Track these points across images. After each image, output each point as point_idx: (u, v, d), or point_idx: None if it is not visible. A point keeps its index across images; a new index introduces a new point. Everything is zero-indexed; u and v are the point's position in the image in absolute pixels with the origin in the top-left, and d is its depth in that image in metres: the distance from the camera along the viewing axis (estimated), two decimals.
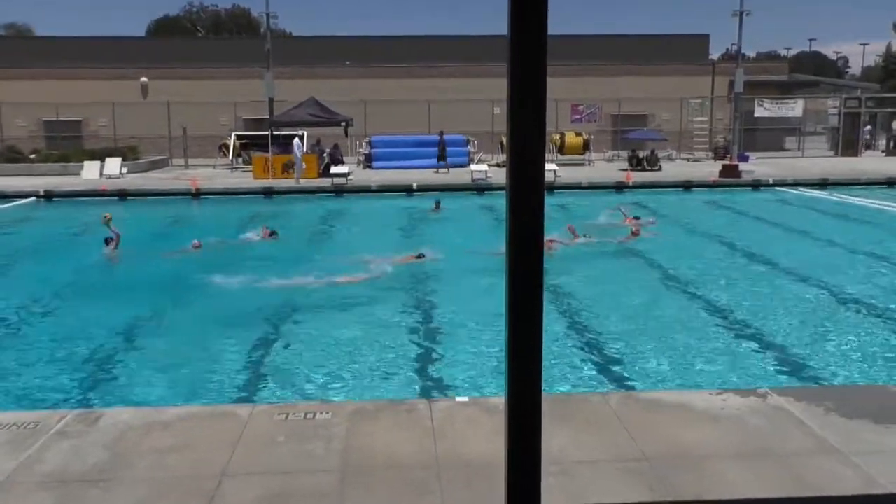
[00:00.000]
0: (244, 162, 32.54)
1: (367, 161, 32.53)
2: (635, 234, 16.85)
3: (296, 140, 28.73)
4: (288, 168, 28.22)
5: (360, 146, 33.96)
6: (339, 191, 26.03)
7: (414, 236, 17.87)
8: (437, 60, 39.87)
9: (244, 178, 28.67)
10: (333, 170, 27.74)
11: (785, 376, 8.36)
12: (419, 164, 31.16)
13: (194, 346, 9.46)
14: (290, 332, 10.17)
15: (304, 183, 26.98)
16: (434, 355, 9.14)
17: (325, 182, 27.03)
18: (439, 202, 21.70)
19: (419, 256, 14.57)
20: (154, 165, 34.02)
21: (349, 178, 27.01)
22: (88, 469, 5.11)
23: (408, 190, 26.06)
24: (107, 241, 15.43)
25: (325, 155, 30.39)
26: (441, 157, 30.20)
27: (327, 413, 6.02)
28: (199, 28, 78.61)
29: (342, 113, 31.26)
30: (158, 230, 19.63)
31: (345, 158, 31.61)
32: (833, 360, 8.89)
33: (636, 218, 18.24)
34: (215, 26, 78.11)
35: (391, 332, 9.99)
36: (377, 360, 8.86)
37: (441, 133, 31.24)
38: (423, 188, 26.11)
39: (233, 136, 33.84)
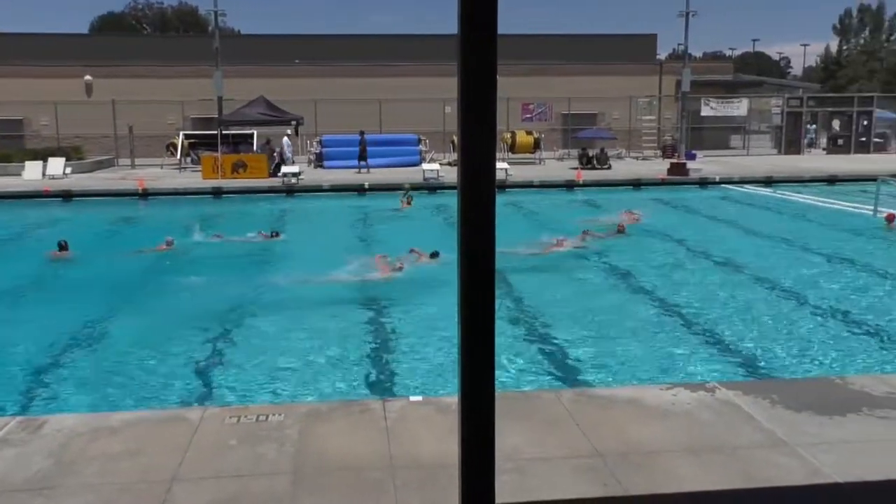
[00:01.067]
0: (193, 162, 32.06)
1: (319, 160, 32.30)
2: (621, 230, 16.93)
3: (285, 139, 28.66)
4: (238, 168, 27.89)
5: (311, 145, 33.70)
6: (290, 190, 25.80)
7: (379, 238, 17.78)
8: (388, 59, 39.78)
9: (193, 178, 28.25)
10: (284, 169, 27.50)
11: (733, 369, 8.52)
12: (371, 163, 31.01)
13: (149, 348, 9.28)
14: (248, 332, 10.04)
15: (254, 182, 26.69)
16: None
17: (275, 182, 26.78)
18: (411, 197, 21.51)
19: (433, 255, 13.97)
20: (99, 165, 33.32)
21: (300, 177, 26.79)
22: (32, 476, 4.98)
23: (360, 189, 25.96)
24: (60, 246, 15.05)
25: (275, 154, 30.10)
26: (362, 157, 30.00)
27: (280, 415, 5.95)
28: (144, 26, 77.20)
29: (292, 112, 30.99)
30: (109, 230, 19.24)
31: (295, 158, 31.35)
32: (779, 353, 9.09)
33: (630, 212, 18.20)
34: (161, 24, 76.77)
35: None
36: (333, 360, 8.81)
37: (362, 133, 31.04)
38: (375, 187, 26.04)
39: (181, 136, 33.32)
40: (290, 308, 11.19)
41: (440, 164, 29.73)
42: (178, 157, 32.84)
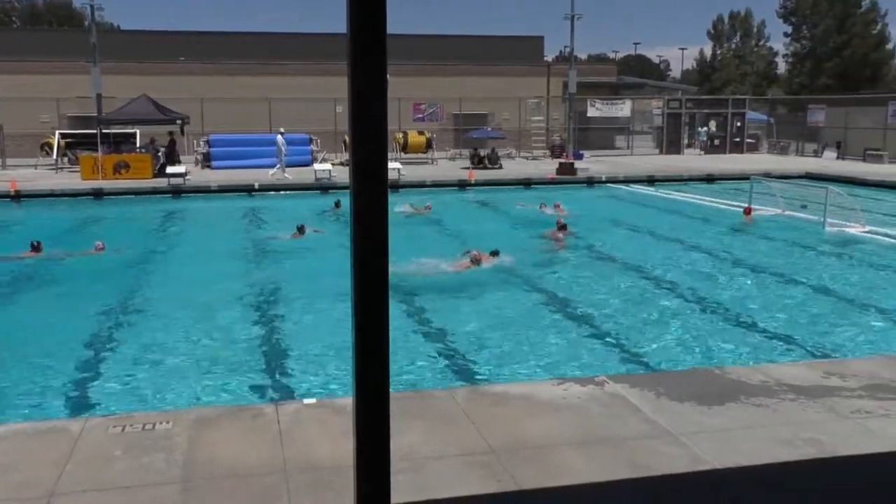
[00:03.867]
0: (70, 162, 30.62)
1: (206, 161, 31.46)
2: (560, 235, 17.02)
3: (279, 137, 27.78)
4: (120, 168, 26.83)
5: (198, 145, 32.78)
6: (176, 192, 25.01)
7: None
8: (278, 57, 39.13)
9: (71, 179, 26.99)
10: (170, 170, 26.63)
11: (620, 363, 8.81)
12: (260, 164, 30.49)
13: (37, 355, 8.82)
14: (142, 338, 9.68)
15: (138, 183, 25.74)
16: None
17: (160, 182, 25.89)
18: (339, 201, 21.01)
19: (493, 254, 13.71)
20: None
21: (187, 178, 26.00)
22: None
23: (249, 190, 25.44)
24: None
25: (159, 154, 29.12)
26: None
27: (167, 423, 5.77)
28: (13, 19, 73.16)
29: (177, 111, 30.06)
30: None
31: (182, 158, 30.41)
32: (662, 345, 9.46)
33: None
34: (32, 17, 72.91)
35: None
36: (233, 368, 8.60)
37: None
38: (265, 188, 25.58)
39: (57, 135, 31.75)
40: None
41: (332, 164, 29.50)
42: (55, 157, 31.30)
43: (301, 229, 16.56)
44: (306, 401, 6.48)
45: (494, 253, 13.84)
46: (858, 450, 5.34)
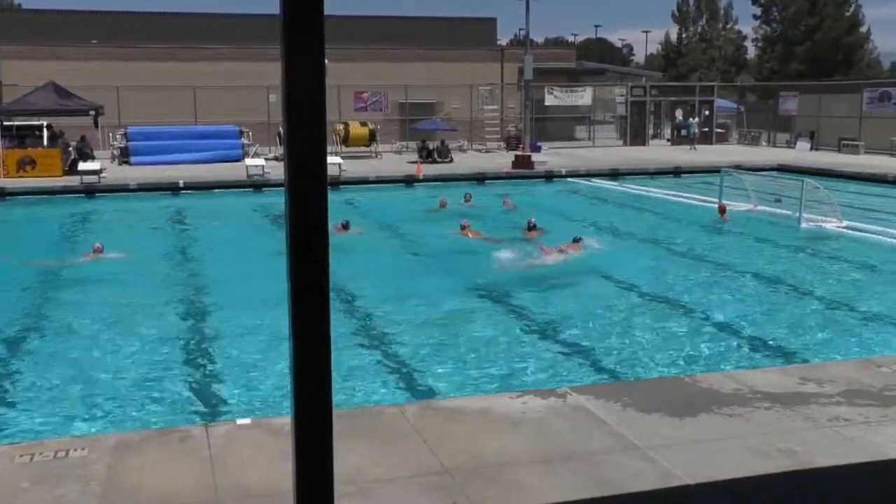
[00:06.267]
0: None
1: (124, 156, 30.93)
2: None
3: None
4: (25, 165, 26.21)
5: (115, 139, 32.20)
6: (90, 191, 24.53)
7: None
8: (204, 41, 38.64)
9: None
10: (82, 166, 26.09)
11: (583, 373, 8.90)
12: (185, 159, 30.10)
13: None
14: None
15: (46, 182, 25.18)
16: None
17: (72, 181, 25.36)
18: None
19: (576, 241, 14.94)
20: None
21: (102, 175, 25.52)
22: None
23: (174, 188, 25.09)
24: None
25: (70, 149, 28.53)
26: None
27: (83, 449, 5.66)
28: None
29: (90, 100, 29.48)
30: None
31: (96, 153, 29.84)
32: (630, 353, 9.58)
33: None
34: None
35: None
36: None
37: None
38: (191, 185, 25.24)
39: None
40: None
41: (266, 159, 29.23)
42: None
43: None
44: (239, 421, 6.42)
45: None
46: (837, 460, 5.47)
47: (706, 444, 5.74)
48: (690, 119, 40.61)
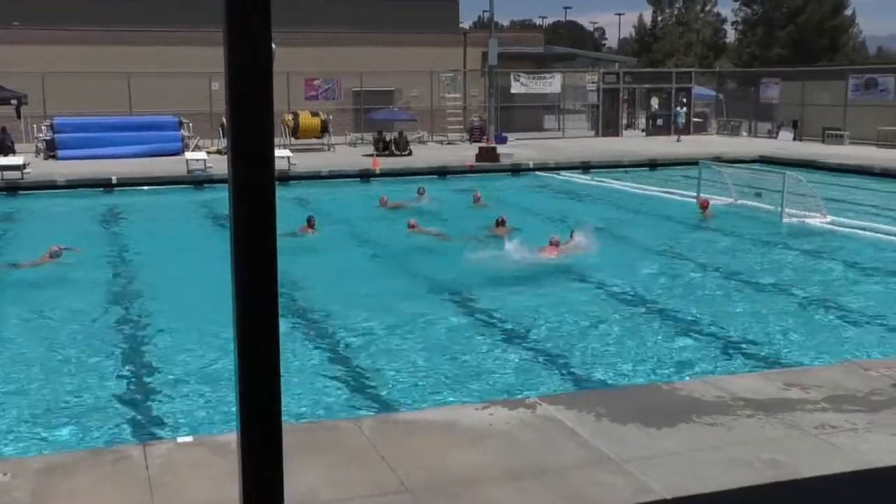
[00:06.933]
0: None
1: (50, 149, 30.50)
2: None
3: None
4: None
5: (40, 131, 31.74)
6: (11, 188, 24.14)
7: None
8: (139, 23, 38.20)
9: None
10: (2, 161, 25.67)
11: (554, 381, 8.95)
12: (118, 153, 29.76)
13: None
14: None
15: None
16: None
17: None
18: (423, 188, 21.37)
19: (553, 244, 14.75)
20: None
21: (25, 171, 25.14)
22: None
23: (106, 185, 24.78)
24: None
25: None
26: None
27: (4, 474, 5.58)
28: None
29: (12, 88, 29.01)
30: None
31: (18, 147, 29.39)
32: (602, 358, 9.66)
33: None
34: None
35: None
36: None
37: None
38: (125, 182, 24.95)
39: None
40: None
41: (208, 152, 29.00)
42: None
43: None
44: (180, 439, 6.38)
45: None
46: (823, 470, 5.56)
47: (685, 455, 5.80)
48: (678, 108, 40.85)
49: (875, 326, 10.90)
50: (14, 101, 28.56)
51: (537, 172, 28.53)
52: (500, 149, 30.66)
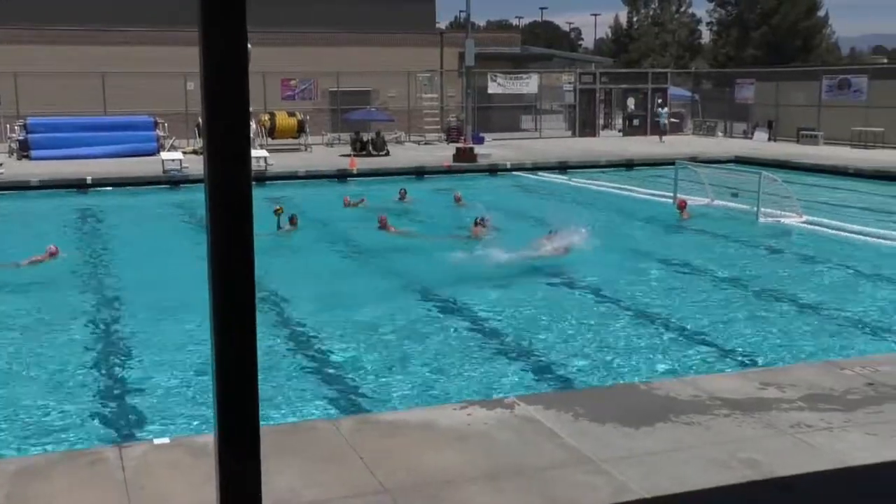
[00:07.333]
0: None
1: (23, 149, 30.25)
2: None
3: None
4: None
5: (13, 131, 31.47)
6: None
7: None
8: (114, 22, 37.93)
9: None
10: None
11: (531, 379, 8.97)
12: (93, 153, 29.56)
13: None
14: None
15: None
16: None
17: None
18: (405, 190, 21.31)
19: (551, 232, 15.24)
20: None
21: None
22: None
23: (81, 186, 24.59)
24: None
25: None
26: None
27: None
28: None
29: None
30: None
31: None
32: (580, 358, 9.69)
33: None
34: None
35: None
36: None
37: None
38: (101, 182, 24.78)
39: None
40: None
41: (183, 152, 28.88)
42: None
43: None
44: (157, 441, 6.34)
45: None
46: (800, 469, 5.60)
47: (664, 455, 5.82)
48: (660, 109, 40.81)
49: (850, 325, 10.99)
50: None
51: (515, 172, 28.59)
52: (478, 149, 30.72)
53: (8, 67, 33.12)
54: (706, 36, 75.49)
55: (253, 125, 30.45)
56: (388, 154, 31.75)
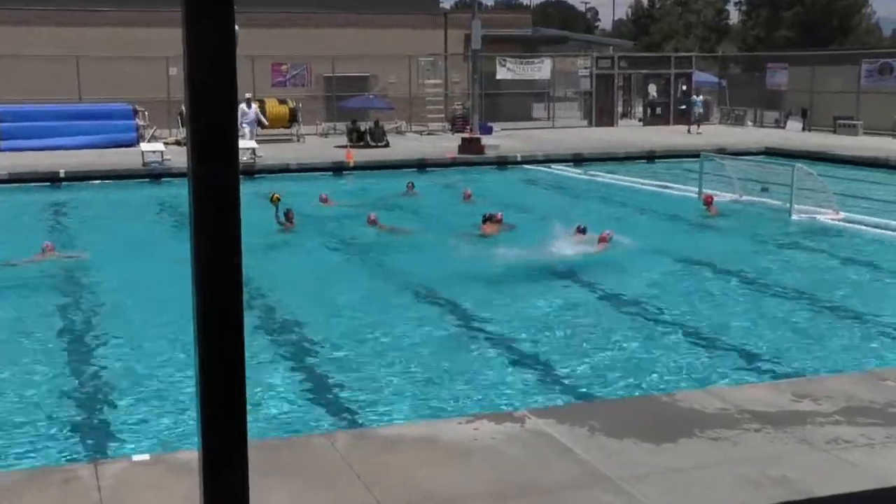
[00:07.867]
0: None
1: None
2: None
3: (242, 106, 26.93)
4: None
5: None
6: None
7: None
8: (89, 2, 38.00)
9: None
10: None
11: (543, 391, 8.97)
12: (67, 143, 29.61)
13: None
14: None
15: None
16: None
17: None
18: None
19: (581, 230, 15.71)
20: None
21: None
22: None
23: (53, 179, 24.64)
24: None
25: None
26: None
27: None
28: None
29: None
30: None
31: None
32: (597, 368, 9.67)
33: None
34: None
35: None
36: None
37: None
38: (75, 175, 24.80)
39: None
40: None
41: (165, 143, 28.90)
42: None
43: None
44: (136, 457, 6.33)
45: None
46: (837, 489, 5.58)
47: (687, 473, 5.81)
48: (695, 97, 40.40)
49: (892, 332, 10.96)
50: None
51: (525, 165, 28.55)
52: (485, 140, 30.67)
53: None
54: (734, 16, 75.50)
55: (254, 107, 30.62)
56: (387, 145, 31.74)
